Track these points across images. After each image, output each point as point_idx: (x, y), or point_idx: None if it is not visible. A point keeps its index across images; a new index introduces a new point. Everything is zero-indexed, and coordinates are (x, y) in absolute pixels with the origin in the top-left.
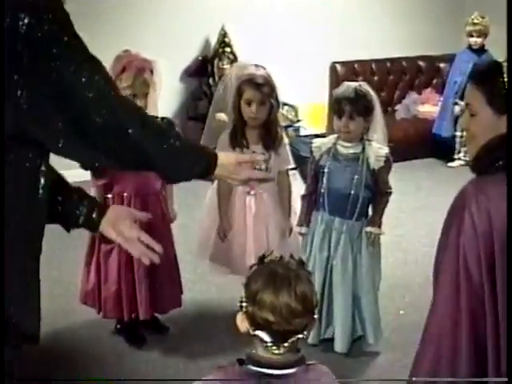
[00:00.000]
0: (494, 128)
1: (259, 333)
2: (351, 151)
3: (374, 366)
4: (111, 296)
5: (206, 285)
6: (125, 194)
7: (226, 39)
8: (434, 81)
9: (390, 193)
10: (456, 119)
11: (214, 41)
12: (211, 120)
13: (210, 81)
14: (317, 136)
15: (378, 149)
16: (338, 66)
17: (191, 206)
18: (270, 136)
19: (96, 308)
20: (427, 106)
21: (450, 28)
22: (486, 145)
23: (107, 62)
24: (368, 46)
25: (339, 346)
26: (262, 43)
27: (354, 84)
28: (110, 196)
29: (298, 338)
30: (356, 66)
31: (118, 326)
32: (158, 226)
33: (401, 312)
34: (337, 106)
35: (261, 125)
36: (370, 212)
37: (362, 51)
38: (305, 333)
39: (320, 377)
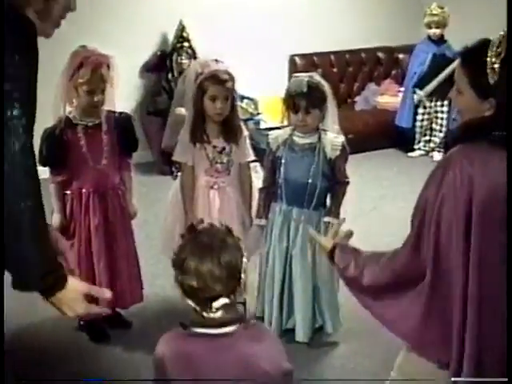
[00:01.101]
0: (476, 110)
1: (188, 300)
2: (307, 141)
3: (336, 356)
4: None
5: (167, 279)
6: (83, 190)
7: (184, 34)
8: (393, 72)
9: (348, 182)
10: (416, 109)
11: (172, 36)
12: (173, 116)
13: (169, 76)
14: (277, 128)
15: (333, 138)
16: (297, 59)
17: (152, 201)
18: (230, 130)
19: None
20: (386, 97)
21: (409, 19)
22: (466, 122)
23: (64, 58)
24: (327, 37)
25: (300, 335)
26: (220, 37)
27: (305, 77)
28: (68, 192)
29: (226, 303)
30: (315, 58)
31: (81, 323)
32: (118, 222)
33: None
34: (292, 102)
35: (222, 119)
36: (328, 202)
37: (321, 43)
38: (232, 297)
39: (260, 334)
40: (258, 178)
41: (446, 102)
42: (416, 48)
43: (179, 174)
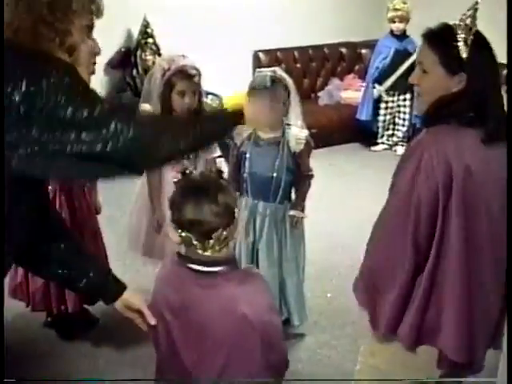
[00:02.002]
0: (445, 87)
1: (185, 233)
2: (272, 136)
3: (303, 348)
4: (39, 289)
5: (135, 275)
6: (49, 188)
7: (149, 30)
8: (356, 67)
9: (312, 175)
10: (377, 104)
11: (136, 32)
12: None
13: (134, 72)
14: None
15: (297, 132)
16: (261, 55)
17: (118, 197)
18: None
19: (25, 301)
20: (349, 92)
21: (372, 14)
22: (437, 101)
23: None
24: (290, 33)
25: None
26: (184, 33)
27: (268, 72)
28: None
29: (223, 236)
30: (279, 54)
31: (49, 319)
32: (85, 219)
33: (328, 295)
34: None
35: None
36: (293, 195)
37: (285, 39)
38: (227, 230)
39: (248, 278)
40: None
41: (408, 96)
42: (378, 43)
43: None
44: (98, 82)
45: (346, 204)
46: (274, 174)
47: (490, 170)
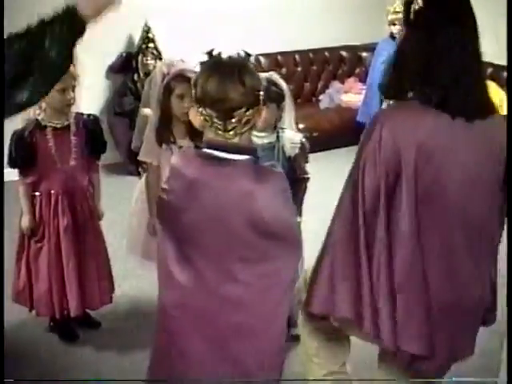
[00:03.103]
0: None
1: (208, 110)
2: (266, 141)
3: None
4: (42, 294)
5: (136, 280)
6: (52, 192)
7: (150, 35)
8: (357, 70)
9: (308, 179)
10: (380, 105)
11: (137, 37)
12: (139, 117)
13: (135, 77)
14: None
15: (292, 136)
16: (262, 58)
17: (120, 201)
18: (196, 130)
19: (28, 306)
20: (350, 95)
21: (372, 18)
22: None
23: None
24: (291, 37)
25: None
26: (185, 37)
27: (263, 74)
28: (37, 194)
29: (245, 117)
30: (279, 57)
31: (52, 324)
32: (87, 223)
33: None
34: None
35: (188, 119)
36: None
37: (285, 43)
38: (250, 111)
39: (270, 175)
40: None
41: None
42: (378, 46)
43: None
44: (100, 87)
45: None
46: None
47: (453, 152)
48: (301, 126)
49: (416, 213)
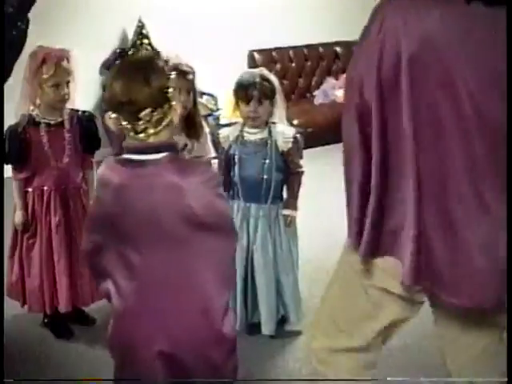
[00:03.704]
0: None
1: (115, 114)
2: (259, 137)
3: (300, 347)
4: (34, 289)
5: None
6: (45, 188)
7: (144, 31)
8: None
9: (302, 172)
10: None
11: (131, 33)
12: None
13: None
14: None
15: (284, 130)
16: (256, 54)
17: None
18: (192, 126)
19: (20, 301)
20: None
21: (367, 13)
22: None
23: (23, 58)
24: (285, 33)
25: (267, 328)
26: (179, 33)
27: (255, 70)
28: (30, 190)
29: (154, 117)
30: (274, 53)
31: (45, 320)
32: (79, 219)
33: None
34: (244, 92)
35: (183, 115)
36: (285, 194)
37: (280, 39)
38: (158, 111)
39: (195, 166)
40: None
41: None
42: None
43: None
44: (94, 83)
45: (342, 203)
46: (265, 176)
47: (467, 47)
48: (295, 121)
49: (416, 125)
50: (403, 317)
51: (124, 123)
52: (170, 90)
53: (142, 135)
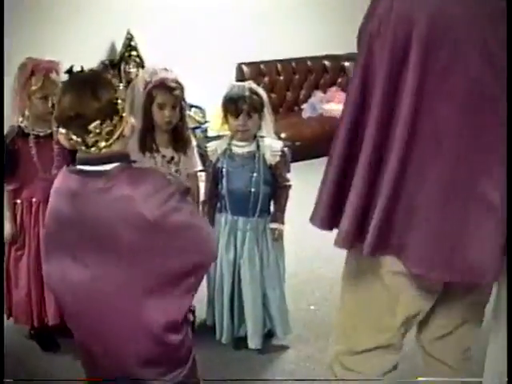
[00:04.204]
0: None
1: (64, 130)
2: (246, 150)
3: (287, 361)
4: (21, 301)
5: None
6: (33, 199)
7: (132, 43)
8: (339, 79)
9: (289, 186)
10: None
11: (119, 45)
12: None
13: None
14: (223, 137)
15: (272, 144)
16: (244, 67)
17: None
18: (179, 139)
19: (6, 313)
20: (332, 104)
21: (355, 27)
22: None
23: (12, 70)
24: (273, 46)
25: (253, 342)
26: (168, 45)
27: (243, 83)
28: (18, 201)
29: (104, 130)
30: (262, 66)
31: (32, 332)
32: None
33: (311, 307)
34: (233, 106)
35: (171, 128)
36: (272, 208)
37: (268, 52)
38: (107, 123)
39: (145, 176)
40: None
41: None
42: None
43: None
44: None
45: None
46: (252, 189)
47: (476, 23)
48: (283, 135)
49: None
50: (419, 307)
51: (74, 137)
52: (120, 101)
53: (93, 149)
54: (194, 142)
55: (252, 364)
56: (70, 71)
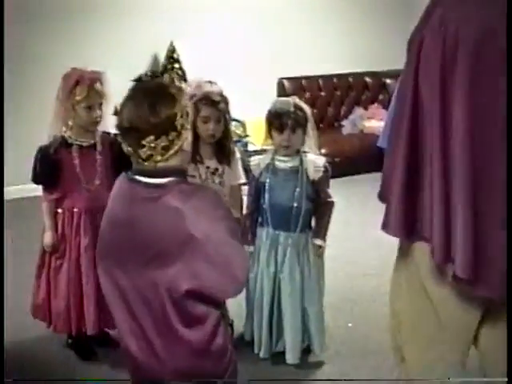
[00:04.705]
0: None
1: (122, 139)
2: (289, 165)
3: (324, 377)
4: (60, 311)
5: None
6: (75, 209)
7: (175, 55)
8: (380, 96)
9: (332, 202)
10: None
11: (162, 57)
12: None
13: None
14: (264, 151)
15: (315, 159)
16: (286, 82)
17: None
18: (223, 151)
19: (46, 322)
20: (373, 121)
21: (397, 44)
22: None
23: (56, 80)
24: (315, 62)
25: (291, 357)
26: (209, 59)
27: (287, 98)
28: (60, 211)
29: (159, 145)
30: (303, 81)
31: (69, 341)
32: None
33: (349, 325)
34: (278, 121)
35: (214, 140)
36: (313, 223)
37: (310, 67)
38: (162, 138)
39: (199, 192)
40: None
41: None
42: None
43: None
44: None
45: (369, 233)
46: (295, 204)
47: None
48: (323, 150)
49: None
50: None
51: (129, 149)
52: (179, 118)
53: (146, 162)
54: (238, 155)
55: (289, 379)
56: (138, 79)
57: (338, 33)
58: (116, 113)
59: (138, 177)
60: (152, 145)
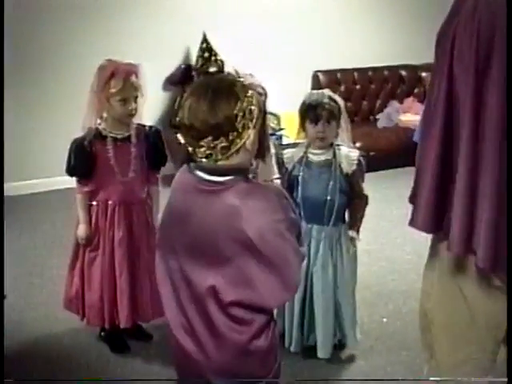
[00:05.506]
0: None
1: (180, 136)
2: (323, 158)
3: (357, 372)
4: (94, 303)
5: None
6: (109, 202)
7: (210, 46)
8: (416, 90)
9: (366, 196)
10: None
11: (195, 48)
12: None
13: None
14: (297, 144)
15: (348, 153)
16: (320, 75)
17: None
18: (259, 146)
19: (79, 314)
20: (409, 115)
21: (432, 38)
22: None
23: (90, 72)
24: (350, 54)
25: (322, 352)
26: (243, 51)
27: (321, 90)
28: (94, 203)
29: (219, 145)
30: (338, 74)
31: (102, 334)
32: (142, 235)
33: (384, 320)
34: (312, 112)
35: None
36: (347, 217)
37: (345, 60)
38: (221, 139)
39: (258, 191)
40: None
41: None
42: None
43: None
44: (157, 98)
45: (403, 228)
46: (328, 197)
47: None
48: (358, 144)
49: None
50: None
51: (189, 148)
52: (240, 118)
53: (205, 160)
54: (272, 150)
55: (321, 374)
56: (187, 69)
57: (374, 26)
58: (181, 104)
59: (198, 172)
60: (211, 145)
